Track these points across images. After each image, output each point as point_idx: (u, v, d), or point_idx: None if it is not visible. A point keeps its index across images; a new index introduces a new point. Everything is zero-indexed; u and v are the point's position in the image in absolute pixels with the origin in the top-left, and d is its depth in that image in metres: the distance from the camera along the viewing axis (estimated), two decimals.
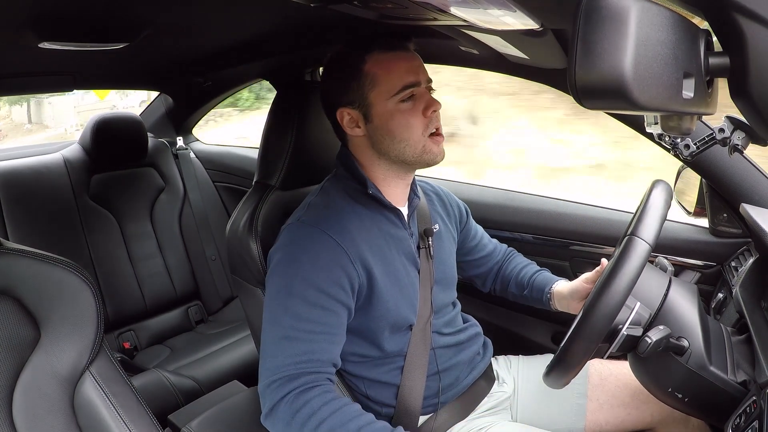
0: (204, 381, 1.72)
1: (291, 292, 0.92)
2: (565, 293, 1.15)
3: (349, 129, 1.00)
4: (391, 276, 1.00)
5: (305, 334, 0.90)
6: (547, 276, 1.24)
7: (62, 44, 1.08)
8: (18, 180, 1.86)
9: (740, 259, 1.16)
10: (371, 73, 0.96)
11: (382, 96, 0.96)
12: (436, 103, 0.98)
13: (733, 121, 0.77)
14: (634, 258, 0.76)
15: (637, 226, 0.79)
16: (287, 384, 0.88)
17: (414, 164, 1.00)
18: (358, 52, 0.97)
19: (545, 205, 1.55)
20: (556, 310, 1.19)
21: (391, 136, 0.97)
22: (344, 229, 0.97)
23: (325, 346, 0.92)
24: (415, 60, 0.99)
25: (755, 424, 0.71)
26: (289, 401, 0.86)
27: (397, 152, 0.98)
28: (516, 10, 0.68)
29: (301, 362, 0.89)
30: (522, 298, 1.27)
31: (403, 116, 0.96)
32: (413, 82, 0.96)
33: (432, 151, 0.98)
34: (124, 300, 1.98)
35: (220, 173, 2.39)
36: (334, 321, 0.93)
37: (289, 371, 0.89)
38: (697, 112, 0.49)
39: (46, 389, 0.79)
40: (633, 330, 0.82)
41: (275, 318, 0.93)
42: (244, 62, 1.63)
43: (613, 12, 0.41)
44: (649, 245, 0.77)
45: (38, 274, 0.82)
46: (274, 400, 0.88)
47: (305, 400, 0.86)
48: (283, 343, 0.90)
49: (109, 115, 2.02)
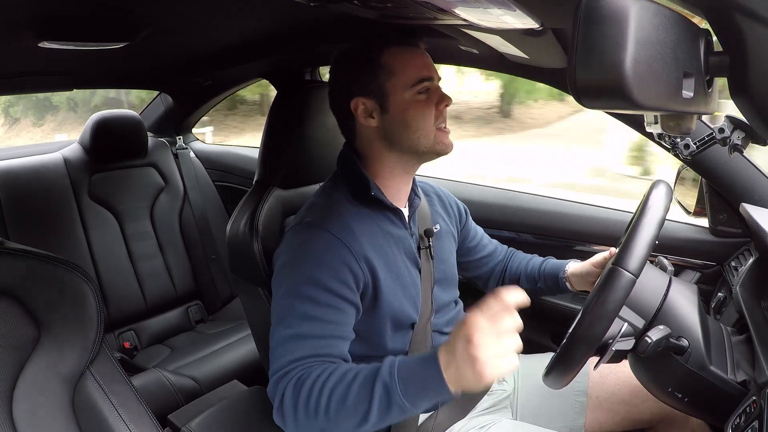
0: (204, 381, 1.72)
1: (298, 293, 0.92)
2: (581, 272, 1.17)
3: (362, 119, 1.01)
4: (394, 275, 1.01)
5: (313, 333, 0.90)
6: (555, 262, 1.24)
7: (62, 44, 1.08)
8: (18, 180, 1.86)
9: (740, 258, 1.16)
10: (388, 65, 0.98)
11: (399, 87, 0.98)
12: (449, 99, 1.01)
13: (733, 120, 0.77)
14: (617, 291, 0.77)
15: (622, 256, 0.79)
16: (289, 374, 0.87)
17: (425, 154, 1.02)
18: (375, 46, 0.99)
19: (545, 205, 1.55)
20: (575, 291, 1.20)
21: (407, 125, 0.98)
22: (347, 228, 0.97)
23: (334, 343, 0.91)
24: (427, 57, 1.02)
25: (755, 424, 0.71)
26: (290, 388, 0.85)
27: (411, 142, 0.99)
28: (516, 10, 0.68)
29: (308, 357, 0.88)
30: (536, 291, 1.26)
31: (419, 106, 0.98)
32: (428, 77, 0.99)
33: (443, 142, 1.01)
34: (124, 299, 1.98)
35: (220, 173, 2.39)
36: (343, 319, 0.93)
37: (297, 370, 0.87)
38: (696, 111, 0.49)
39: (46, 389, 0.79)
40: (623, 344, 0.83)
41: (283, 319, 0.92)
42: (244, 62, 1.63)
43: (613, 11, 0.41)
44: (634, 276, 0.78)
45: (38, 273, 0.82)
46: (280, 394, 0.87)
47: (303, 380, 0.84)
48: (292, 343, 0.90)
49: (108, 114, 2.02)
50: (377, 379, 0.78)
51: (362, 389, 0.78)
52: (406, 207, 1.09)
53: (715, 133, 0.79)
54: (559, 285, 1.21)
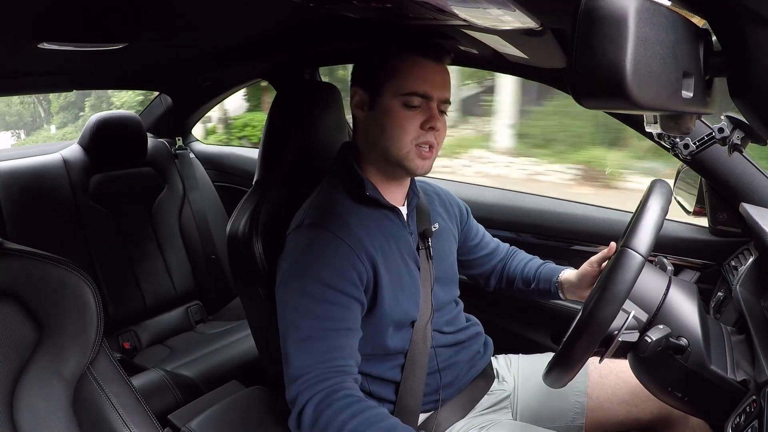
0: (204, 381, 1.72)
1: (305, 294, 0.92)
2: (573, 281, 1.16)
3: (355, 108, 1.03)
4: (394, 273, 1.01)
5: (325, 332, 0.91)
6: (552, 267, 1.24)
7: (61, 44, 1.08)
8: (18, 180, 1.86)
9: (740, 258, 1.16)
10: (394, 66, 0.97)
11: (392, 90, 0.97)
12: (437, 123, 0.97)
13: (732, 120, 0.77)
14: (627, 272, 0.76)
15: (630, 237, 0.79)
16: (313, 387, 0.88)
17: (394, 165, 1.00)
18: (395, 45, 0.99)
19: (545, 205, 1.55)
20: (565, 299, 1.19)
21: (382, 129, 0.98)
22: (347, 227, 0.98)
23: (346, 342, 0.92)
24: (439, 75, 0.99)
25: (755, 424, 0.71)
26: (313, 404, 0.87)
27: (382, 146, 0.99)
28: (515, 10, 0.69)
29: (325, 361, 0.89)
30: (530, 293, 1.26)
31: (400, 117, 0.97)
32: (424, 93, 0.96)
33: (413, 161, 0.98)
34: (124, 300, 1.98)
35: (219, 173, 2.40)
36: (351, 316, 0.94)
37: (315, 372, 0.89)
38: (696, 111, 0.49)
39: (46, 389, 0.79)
40: (628, 336, 0.82)
41: (293, 322, 0.92)
42: (244, 62, 1.63)
43: (612, 11, 0.41)
44: (643, 257, 0.77)
45: (38, 274, 0.82)
46: (301, 404, 0.88)
47: (329, 403, 0.86)
48: (305, 345, 0.90)
49: (108, 115, 2.02)
50: None
51: None
52: (404, 206, 1.09)
53: (715, 133, 0.79)
54: (552, 290, 1.21)
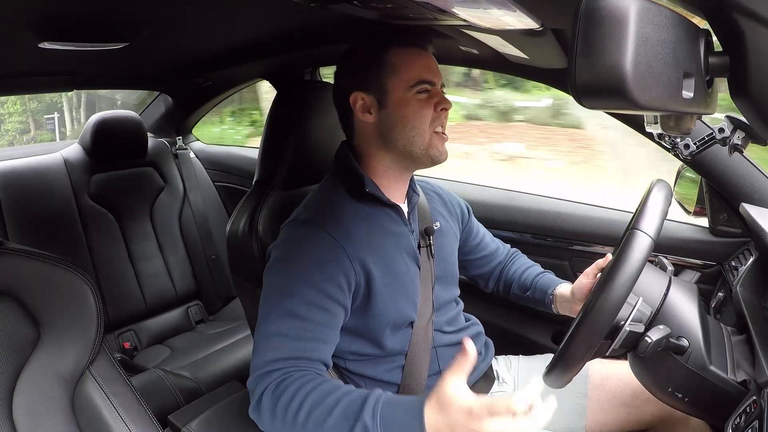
0: (204, 381, 1.72)
1: (287, 290, 0.92)
2: (567, 295, 1.15)
3: (360, 114, 1.02)
4: (391, 273, 1.01)
5: (297, 332, 0.90)
6: (550, 278, 1.24)
7: (62, 44, 1.08)
8: (18, 180, 1.86)
9: (740, 258, 1.16)
10: (392, 63, 0.99)
11: (400, 85, 0.98)
12: (448, 102, 1.01)
13: (733, 120, 0.77)
14: (637, 251, 0.75)
15: (638, 220, 0.78)
16: (271, 374, 0.87)
17: (419, 158, 1.01)
18: (381, 43, 1.00)
19: (545, 205, 1.55)
20: (557, 313, 1.19)
21: (403, 123, 0.99)
22: (343, 227, 0.97)
23: (316, 345, 0.91)
24: (432, 61, 1.02)
25: (755, 424, 0.71)
26: (270, 390, 0.85)
27: (405, 141, 0.99)
28: (516, 10, 0.68)
29: (289, 359, 0.88)
30: (524, 300, 1.26)
31: (417, 104, 0.98)
32: (430, 80, 0.99)
33: (437, 147, 1.01)
34: (124, 300, 1.98)
35: (219, 173, 2.40)
36: (329, 320, 0.93)
37: (276, 367, 0.87)
38: (697, 111, 0.49)
39: (46, 389, 0.79)
40: (635, 326, 0.82)
41: (269, 315, 0.92)
42: (244, 62, 1.63)
43: (613, 11, 0.41)
44: (651, 238, 0.76)
45: (38, 274, 0.82)
46: (259, 393, 0.87)
47: (285, 386, 0.84)
48: (274, 340, 0.90)
49: (108, 114, 2.02)
50: (358, 419, 0.77)
51: (342, 421, 0.78)
52: (404, 203, 1.09)
53: (715, 133, 0.78)
54: (545, 302, 1.20)
